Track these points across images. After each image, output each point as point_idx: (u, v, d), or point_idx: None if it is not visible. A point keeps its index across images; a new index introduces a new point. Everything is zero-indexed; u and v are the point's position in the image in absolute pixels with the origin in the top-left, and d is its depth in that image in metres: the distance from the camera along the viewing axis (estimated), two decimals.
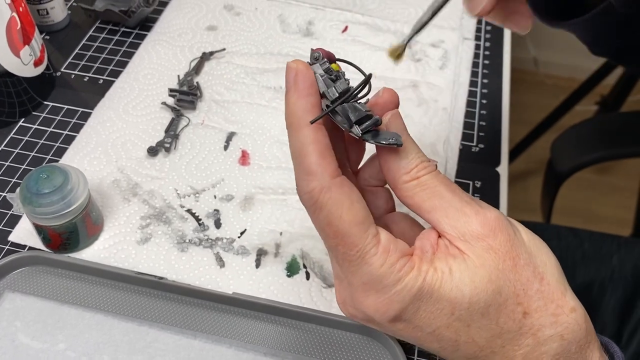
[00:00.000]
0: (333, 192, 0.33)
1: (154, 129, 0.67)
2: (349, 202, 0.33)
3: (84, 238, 0.56)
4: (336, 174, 0.34)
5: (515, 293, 0.34)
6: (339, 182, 0.34)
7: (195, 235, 0.58)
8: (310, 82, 0.34)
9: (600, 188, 1.69)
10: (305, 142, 0.34)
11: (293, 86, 0.34)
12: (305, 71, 0.34)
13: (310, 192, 0.34)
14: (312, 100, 0.34)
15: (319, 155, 0.33)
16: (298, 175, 0.34)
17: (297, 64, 0.35)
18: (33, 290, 0.54)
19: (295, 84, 0.34)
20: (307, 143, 0.34)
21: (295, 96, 0.34)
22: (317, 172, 0.33)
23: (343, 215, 0.33)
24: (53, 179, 0.52)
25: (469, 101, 0.72)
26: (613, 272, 0.81)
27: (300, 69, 0.34)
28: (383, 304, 0.34)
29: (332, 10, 0.82)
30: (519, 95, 1.86)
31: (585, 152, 0.89)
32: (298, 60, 0.35)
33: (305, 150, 0.34)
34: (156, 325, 0.53)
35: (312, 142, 0.33)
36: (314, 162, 0.33)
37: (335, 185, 0.33)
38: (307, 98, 0.34)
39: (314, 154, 0.33)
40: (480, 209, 0.35)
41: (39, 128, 0.67)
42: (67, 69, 0.74)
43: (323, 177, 0.33)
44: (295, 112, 0.34)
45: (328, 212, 0.33)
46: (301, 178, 0.34)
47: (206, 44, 0.77)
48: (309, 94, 0.34)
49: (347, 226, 0.33)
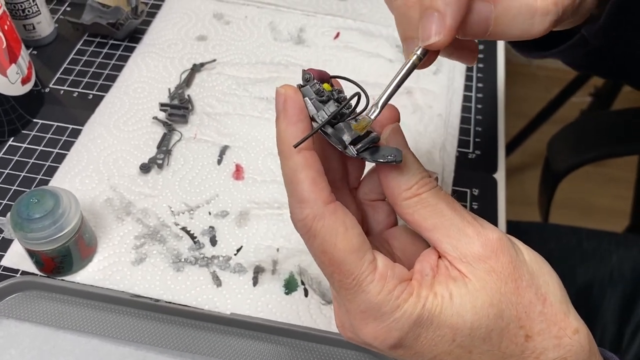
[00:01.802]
0: (326, 220, 0.32)
1: (145, 145, 0.66)
2: (344, 229, 0.33)
3: (78, 261, 0.55)
4: (329, 200, 0.33)
5: (518, 316, 0.33)
6: (332, 208, 0.33)
7: (191, 254, 0.58)
8: (299, 108, 0.33)
9: (596, 179, 1.68)
10: (296, 169, 0.33)
11: (282, 112, 0.34)
12: (294, 96, 0.34)
13: (303, 220, 0.33)
14: (302, 127, 0.33)
15: (311, 182, 0.33)
16: (291, 202, 0.34)
17: (285, 90, 0.34)
18: (27, 316, 0.54)
19: (284, 110, 0.33)
20: (298, 170, 0.33)
21: (285, 123, 0.33)
22: (310, 199, 0.32)
23: (337, 243, 0.32)
24: (44, 203, 0.51)
25: (464, 106, 0.71)
26: (612, 271, 0.80)
27: (289, 94, 0.34)
28: (382, 331, 0.33)
29: (323, 16, 0.81)
30: (512, 88, 1.85)
31: (581, 151, 0.88)
32: (287, 86, 0.34)
33: (296, 177, 0.33)
34: (153, 348, 0.52)
35: (303, 168, 0.33)
36: (306, 190, 0.32)
37: (329, 212, 0.33)
38: (297, 125, 0.33)
39: (306, 181, 0.33)
40: (482, 229, 0.34)
41: (29, 147, 0.66)
42: (55, 84, 0.73)
43: (316, 205, 0.32)
44: (286, 139, 0.33)
45: (322, 240, 0.33)
46: (294, 206, 0.33)
47: (196, 54, 0.75)
48: (298, 120, 0.33)
49: (342, 254, 0.32)
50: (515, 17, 0.33)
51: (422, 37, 0.32)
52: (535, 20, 0.33)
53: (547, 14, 0.33)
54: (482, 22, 0.33)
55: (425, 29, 0.32)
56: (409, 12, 0.34)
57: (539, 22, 0.33)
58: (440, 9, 0.31)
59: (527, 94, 1.80)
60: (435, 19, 0.31)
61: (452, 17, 0.31)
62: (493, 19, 0.33)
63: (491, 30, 0.33)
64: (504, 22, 0.33)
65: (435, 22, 0.31)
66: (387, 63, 0.75)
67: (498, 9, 0.33)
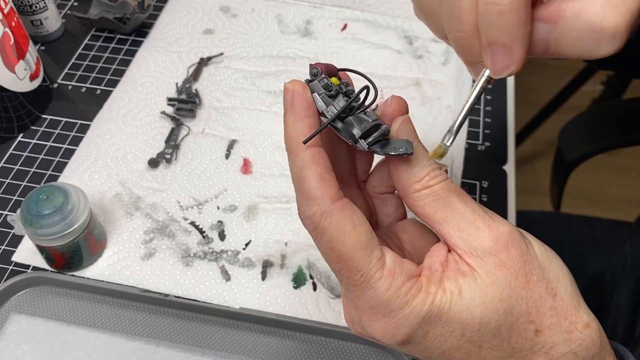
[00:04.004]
0: (334, 217, 0.32)
1: (154, 140, 0.66)
2: (351, 226, 0.32)
3: (88, 256, 0.56)
4: (337, 197, 0.33)
5: (528, 311, 0.33)
6: (339, 205, 0.33)
7: (200, 249, 0.58)
8: (306, 104, 0.33)
9: (608, 168, 1.67)
10: (303, 166, 0.33)
11: (290, 108, 0.33)
12: (302, 92, 0.33)
13: (311, 217, 0.33)
14: (310, 122, 0.33)
15: (318, 179, 0.32)
16: (298, 199, 0.34)
17: (293, 85, 0.34)
18: (39, 312, 0.54)
19: (292, 106, 0.33)
20: (305, 167, 0.33)
21: (292, 119, 0.33)
22: (317, 196, 0.32)
23: (345, 240, 0.32)
24: (53, 199, 0.52)
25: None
26: (625, 260, 0.80)
27: (297, 89, 0.33)
28: (390, 328, 0.33)
29: (330, 7, 0.80)
30: (523, 77, 1.84)
31: (593, 140, 0.88)
32: (294, 81, 0.34)
33: (304, 174, 0.33)
34: (163, 343, 0.52)
35: (310, 165, 0.33)
36: (313, 187, 0.32)
37: (336, 209, 0.32)
38: (305, 120, 0.33)
39: (313, 177, 0.32)
40: (493, 222, 0.34)
41: (38, 143, 0.66)
42: (64, 80, 0.73)
43: (323, 202, 0.32)
44: (293, 135, 0.33)
45: (330, 236, 0.33)
46: (302, 203, 0.33)
47: (203, 48, 0.75)
48: (306, 116, 0.33)
49: (350, 251, 0.32)
50: (577, 39, 0.29)
51: (493, 71, 0.31)
52: (602, 43, 0.29)
53: (615, 36, 0.28)
54: (541, 43, 0.30)
55: (495, 63, 0.30)
56: (469, 43, 0.32)
57: (606, 45, 0.29)
58: (507, 44, 0.30)
59: (538, 82, 1.78)
60: (504, 52, 0.30)
61: (520, 49, 0.30)
62: (553, 39, 0.30)
63: (552, 50, 0.30)
64: (565, 43, 0.30)
65: (504, 56, 0.30)
66: (395, 54, 0.74)
67: (558, 30, 0.29)
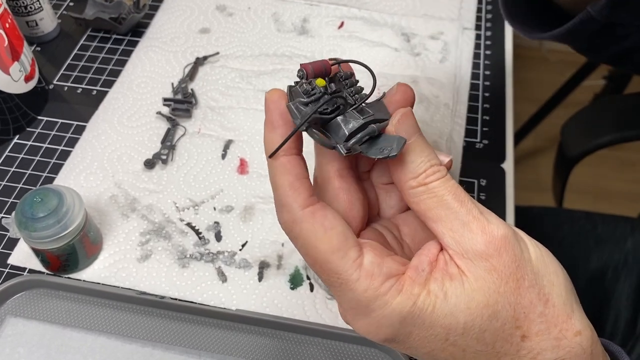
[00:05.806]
0: (304, 224, 0.33)
1: (150, 140, 0.66)
2: (322, 231, 0.33)
3: (83, 259, 0.55)
4: (307, 203, 0.33)
5: (515, 317, 0.33)
6: (309, 212, 0.33)
7: (196, 250, 0.57)
8: (278, 113, 0.34)
9: (611, 163, 1.66)
10: (275, 175, 0.34)
11: (266, 117, 0.34)
12: (277, 101, 0.34)
13: (284, 224, 0.34)
14: (282, 132, 0.34)
15: (288, 187, 0.33)
16: (275, 205, 0.35)
17: (270, 94, 0.34)
18: (35, 315, 0.54)
19: (266, 115, 0.34)
20: (277, 174, 0.34)
21: (267, 128, 0.34)
22: (288, 203, 0.33)
23: (317, 245, 0.33)
24: (47, 202, 0.51)
25: (472, 95, 0.70)
26: (627, 256, 0.79)
27: (272, 99, 0.34)
28: (372, 327, 0.34)
29: (327, 5, 0.79)
30: (523, 72, 1.83)
31: (596, 135, 0.87)
32: (273, 90, 0.35)
33: (275, 183, 0.34)
34: (160, 345, 0.52)
35: (282, 174, 0.34)
36: (283, 194, 0.34)
37: (306, 215, 0.33)
38: (277, 130, 0.34)
39: (284, 185, 0.34)
40: (488, 225, 0.33)
41: (34, 144, 0.66)
42: (59, 80, 0.72)
43: (292, 209, 0.33)
44: (267, 146, 0.34)
45: (303, 242, 0.34)
46: (277, 209, 0.35)
47: (199, 47, 0.75)
48: (277, 126, 0.34)
49: (323, 255, 0.33)
50: None
51: None
52: None
53: None
54: None
55: None
56: None
57: None
58: None
59: (539, 77, 1.78)
60: None
61: None
62: None
63: None
64: None
65: None
66: (393, 52, 0.74)
67: None
